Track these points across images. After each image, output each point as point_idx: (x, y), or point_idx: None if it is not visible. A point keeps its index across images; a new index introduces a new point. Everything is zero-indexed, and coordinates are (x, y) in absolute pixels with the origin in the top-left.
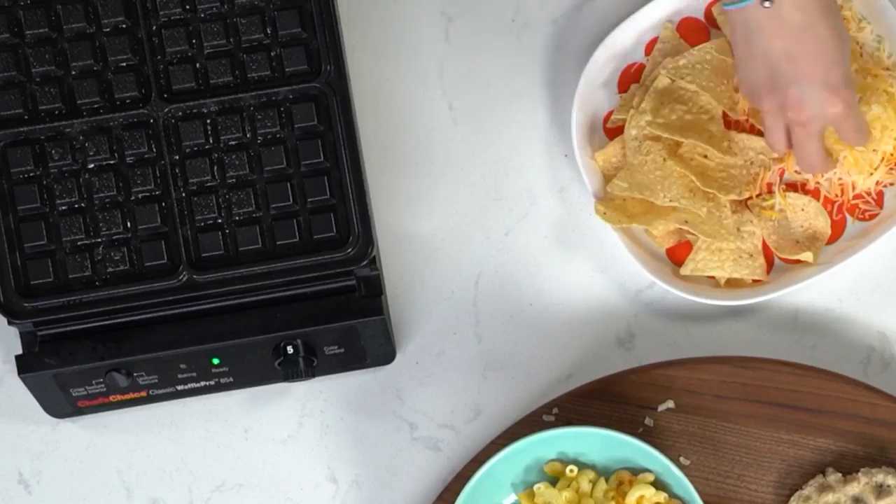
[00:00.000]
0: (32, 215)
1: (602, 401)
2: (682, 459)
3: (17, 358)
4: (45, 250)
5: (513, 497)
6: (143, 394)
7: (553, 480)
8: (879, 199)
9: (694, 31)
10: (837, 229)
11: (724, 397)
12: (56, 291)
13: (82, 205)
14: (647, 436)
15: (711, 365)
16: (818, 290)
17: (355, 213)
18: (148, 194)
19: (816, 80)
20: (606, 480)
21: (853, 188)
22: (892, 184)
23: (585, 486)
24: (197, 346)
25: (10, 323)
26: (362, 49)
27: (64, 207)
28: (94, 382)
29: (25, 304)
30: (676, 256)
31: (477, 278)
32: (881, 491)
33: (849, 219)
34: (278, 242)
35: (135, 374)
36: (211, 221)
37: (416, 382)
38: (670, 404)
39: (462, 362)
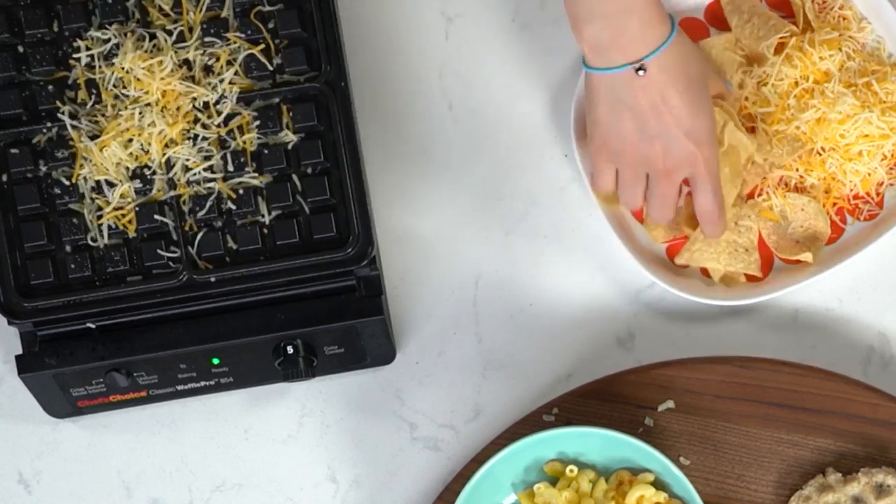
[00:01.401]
0: (32, 215)
1: (602, 401)
2: (682, 459)
3: (17, 358)
4: (45, 250)
5: (513, 497)
6: (143, 394)
7: (553, 480)
8: (880, 200)
9: (695, 30)
10: (837, 230)
11: (724, 397)
12: (56, 291)
13: (82, 205)
14: (647, 436)
15: (711, 365)
16: (818, 290)
17: (355, 213)
18: (147, 194)
19: (681, 130)
20: (606, 480)
21: (851, 190)
22: (892, 184)
23: (585, 486)
24: (197, 346)
25: (10, 323)
26: (362, 49)
27: (64, 207)
28: (94, 382)
29: (25, 304)
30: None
31: (477, 278)
32: (881, 491)
33: (849, 219)
34: (278, 242)
35: (135, 374)
36: (211, 221)
37: (416, 382)
38: (670, 404)
39: (462, 362)
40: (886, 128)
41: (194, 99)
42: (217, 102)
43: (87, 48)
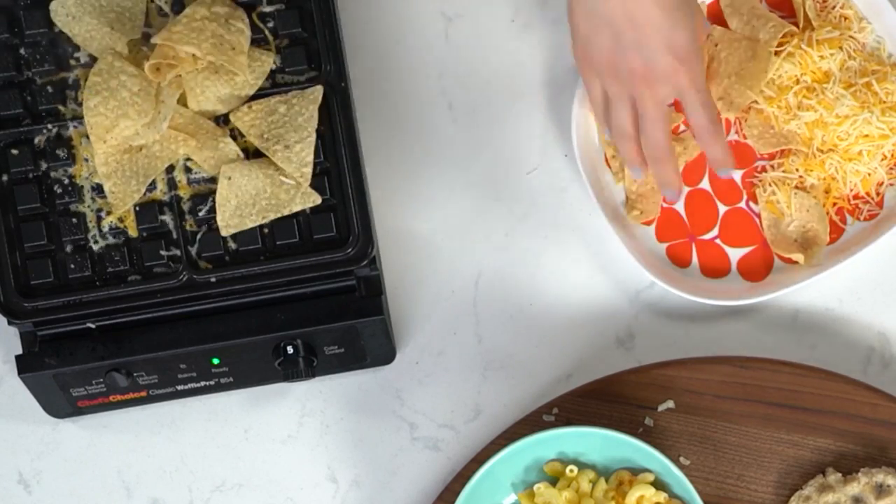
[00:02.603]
0: (32, 215)
1: (602, 401)
2: (682, 459)
3: (17, 358)
4: (45, 250)
5: (513, 497)
6: (143, 394)
7: (553, 480)
8: (880, 200)
9: None
10: (837, 230)
11: (724, 397)
12: (56, 291)
13: (82, 205)
14: (647, 436)
15: (711, 365)
16: (818, 290)
17: (355, 213)
18: (148, 194)
19: (661, 42)
20: (606, 480)
21: (851, 190)
22: (892, 184)
23: (585, 486)
24: (197, 346)
25: (10, 323)
26: (362, 49)
27: (64, 207)
28: (94, 382)
29: (25, 304)
30: (677, 257)
31: (477, 278)
32: (881, 491)
33: (849, 219)
34: (278, 242)
35: (135, 374)
36: (211, 221)
37: (416, 382)
38: (670, 404)
39: (462, 362)
40: (886, 128)
41: None
42: None
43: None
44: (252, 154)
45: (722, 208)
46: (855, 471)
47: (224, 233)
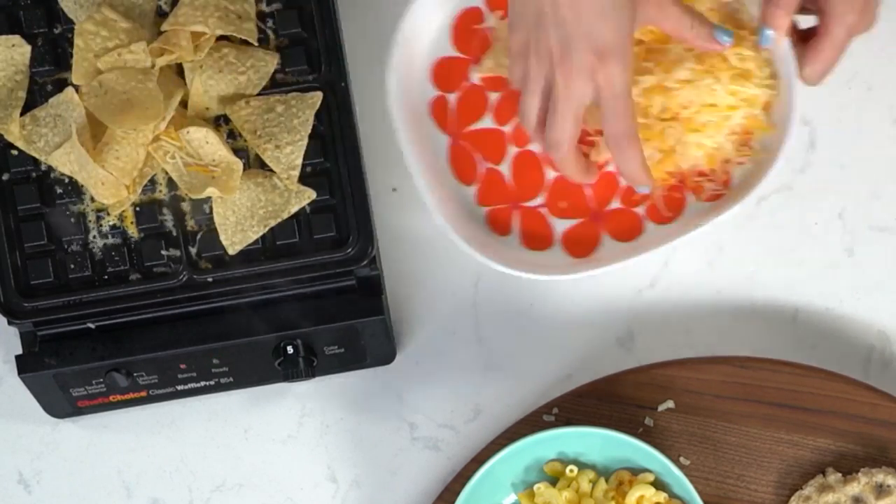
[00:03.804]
0: (32, 215)
1: (602, 401)
2: (682, 459)
3: (17, 358)
4: (45, 250)
5: (513, 497)
6: (143, 394)
7: (553, 480)
8: (726, 180)
9: None
10: (675, 207)
11: (724, 397)
12: (56, 291)
13: (82, 205)
14: (647, 436)
15: (711, 365)
16: (818, 290)
17: (355, 213)
18: (148, 194)
19: (582, 33)
20: (606, 480)
21: (693, 165)
22: (742, 163)
23: (585, 486)
24: (197, 346)
25: (10, 323)
26: (362, 49)
27: (64, 208)
28: (94, 382)
29: (25, 304)
30: (497, 223)
31: (477, 279)
32: (881, 491)
33: (690, 198)
34: (278, 242)
35: (135, 374)
36: (211, 221)
37: (416, 382)
38: (670, 404)
39: (462, 362)
40: (735, 98)
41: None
42: None
43: None
44: (251, 161)
45: (550, 175)
46: (855, 471)
47: (231, 251)
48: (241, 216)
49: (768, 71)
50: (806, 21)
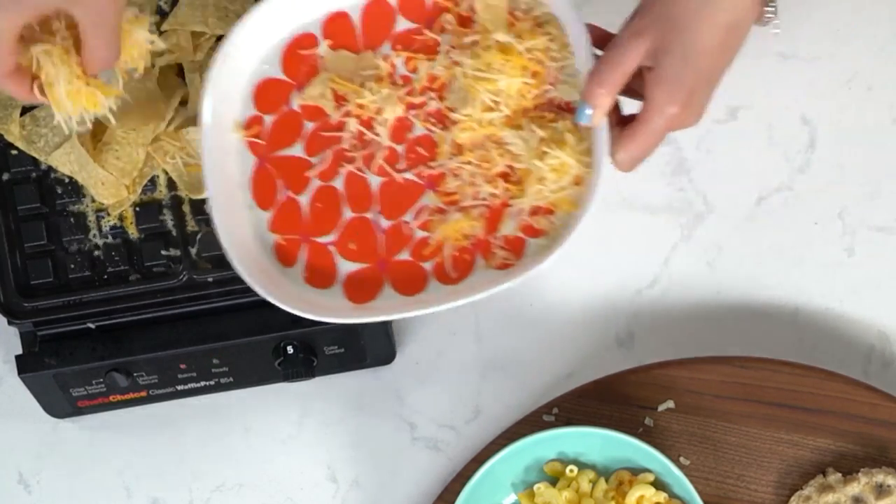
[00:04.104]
0: (32, 215)
1: (602, 401)
2: (682, 459)
3: (17, 358)
4: (45, 250)
5: (513, 497)
6: (143, 394)
7: (553, 480)
8: (519, 249)
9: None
10: (465, 269)
11: (724, 397)
12: (56, 291)
13: (82, 205)
14: (647, 436)
15: (711, 365)
16: (818, 291)
17: None
18: (148, 194)
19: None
20: (606, 480)
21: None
22: (538, 234)
23: (585, 486)
24: (197, 346)
25: (10, 323)
26: None
27: (64, 207)
28: (94, 382)
29: (25, 304)
30: (283, 253)
31: None
32: (881, 491)
33: (480, 262)
34: None
35: (135, 374)
36: (210, 221)
37: (416, 382)
38: (670, 404)
39: (462, 362)
40: (544, 163)
41: None
42: None
43: None
44: None
45: (347, 215)
46: (855, 471)
47: None
48: None
49: (585, 146)
50: (629, 106)
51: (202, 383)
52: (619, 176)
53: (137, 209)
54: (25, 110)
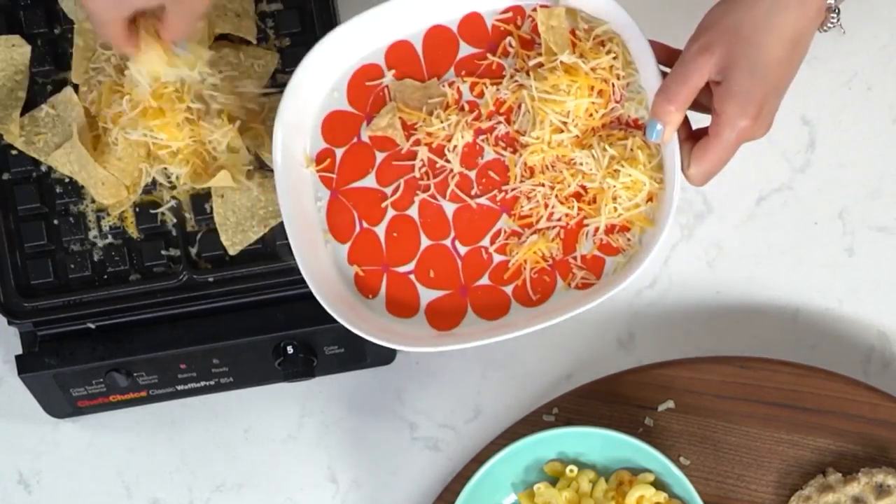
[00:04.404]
0: (32, 215)
1: (602, 401)
2: (682, 459)
3: (17, 358)
4: (45, 250)
5: (513, 497)
6: (143, 394)
7: (553, 480)
8: (598, 268)
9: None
10: (546, 290)
11: (724, 397)
12: (56, 291)
13: (82, 205)
14: (647, 436)
15: (711, 365)
16: (818, 291)
17: None
18: (148, 194)
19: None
20: (606, 480)
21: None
22: (616, 253)
23: (585, 486)
24: (197, 346)
25: (10, 323)
26: None
27: (64, 208)
28: (94, 382)
29: (25, 304)
30: (364, 284)
31: None
32: (881, 491)
33: (560, 282)
34: (278, 242)
35: (135, 374)
36: (211, 221)
37: (416, 382)
38: (670, 404)
39: (462, 362)
40: (616, 181)
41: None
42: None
43: None
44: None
45: (424, 242)
46: (855, 471)
47: (232, 251)
48: (241, 216)
49: (656, 161)
50: (698, 121)
51: (202, 383)
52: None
53: (137, 209)
54: (25, 110)
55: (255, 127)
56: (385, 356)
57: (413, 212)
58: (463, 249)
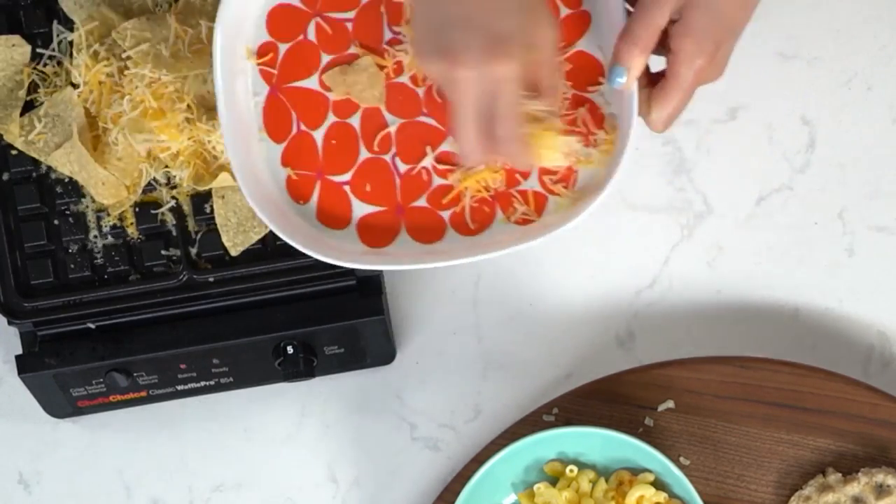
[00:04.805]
0: (32, 215)
1: (602, 401)
2: (682, 459)
3: (17, 358)
4: (45, 250)
5: (513, 497)
6: (143, 394)
7: (553, 480)
8: (539, 206)
9: None
10: (484, 221)
11: (724, 397)
12: (56, 291)
13: (82, 205)
14: (647, 436)
15: (711, 365)
16: (818, 290)
17: None
18: (148, 194)
19: (481, 25)
20: (606, 480)
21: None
22: (557, 194)
23: (585, 486)
24: (197, 346)
25: (10, 323)
26: None
27: (64, 208)
28: (94, 382)
29: (25, 304)
30: (296, 189)
31: (477, 278)
32: (881, 491)
33: (500, 214)
34: (278, 242)
35: (135, 374)
36: (211, 221)
37: (416, 382)
38: (670, 404)
39: (462, 362)
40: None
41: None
42: None
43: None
44: None
45: (363, 154)
46: (855, 471)
47: (234, 252)
48: (242, 217)
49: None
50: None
51: (202, 383)
52: (621, 175)
53: (137, 209)
54: (25, 110)
55: None
56: (385, 356)
57: (355, 120)
58: (403, 167)
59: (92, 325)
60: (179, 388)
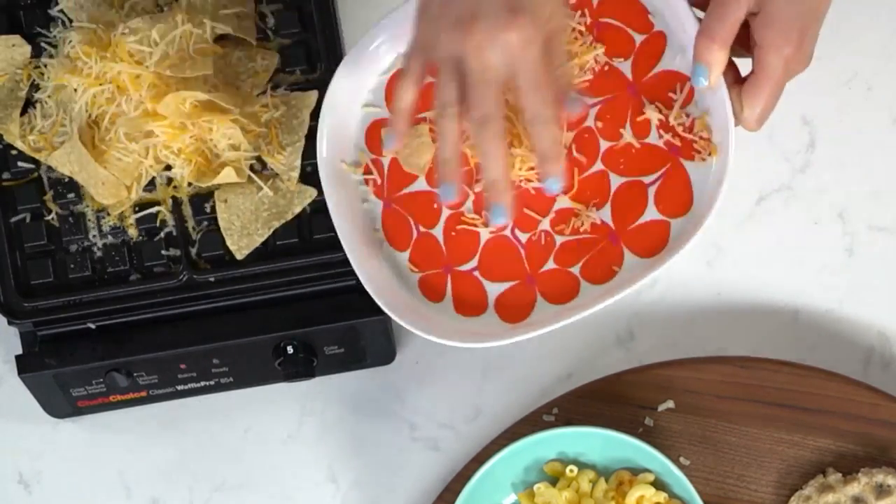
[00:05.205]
0: (32, 215)
1: (602, 401)
2: (682, 459)
3: (17, 358)
4: (45, 250)
5: (513, 497)
6: (143, 394)
7: (553, 480)
8: (663, 235)
9: None
10: (610, 263)
11: (724, 397)
12: (56, 291)
13: (82, 205)
14: (647, 436)
15: (711, 365)
16: (818, 290)
17: None
18: (148, 194)
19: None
20: (606, 480)
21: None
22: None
23: (585, 486)
24: (197, 346)
25: (10, 323)
26: None
27: (64, 208)
28: (94, 382)
29: (25, 304)
30: (430, 289)
31: None
32: (881, 491)
33: (628, 255)
34: (278, 242)
35: (135, 374)
36: (211, 221)
37: (416, 382)
38: (670, 404)
39: (462, 362)
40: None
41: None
42: None
43: None
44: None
45: (483, 236)
46: (855, 471)
47: (239, 256)
48: (245, 220)
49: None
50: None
51: (202, 383)
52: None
53: (137, 209)
54: (25, 110)
55: (255, 128)
56: (385, 356)
57: (468, 207)
58: (523, 237)
59: (92, 325)
60: (179, 388)
